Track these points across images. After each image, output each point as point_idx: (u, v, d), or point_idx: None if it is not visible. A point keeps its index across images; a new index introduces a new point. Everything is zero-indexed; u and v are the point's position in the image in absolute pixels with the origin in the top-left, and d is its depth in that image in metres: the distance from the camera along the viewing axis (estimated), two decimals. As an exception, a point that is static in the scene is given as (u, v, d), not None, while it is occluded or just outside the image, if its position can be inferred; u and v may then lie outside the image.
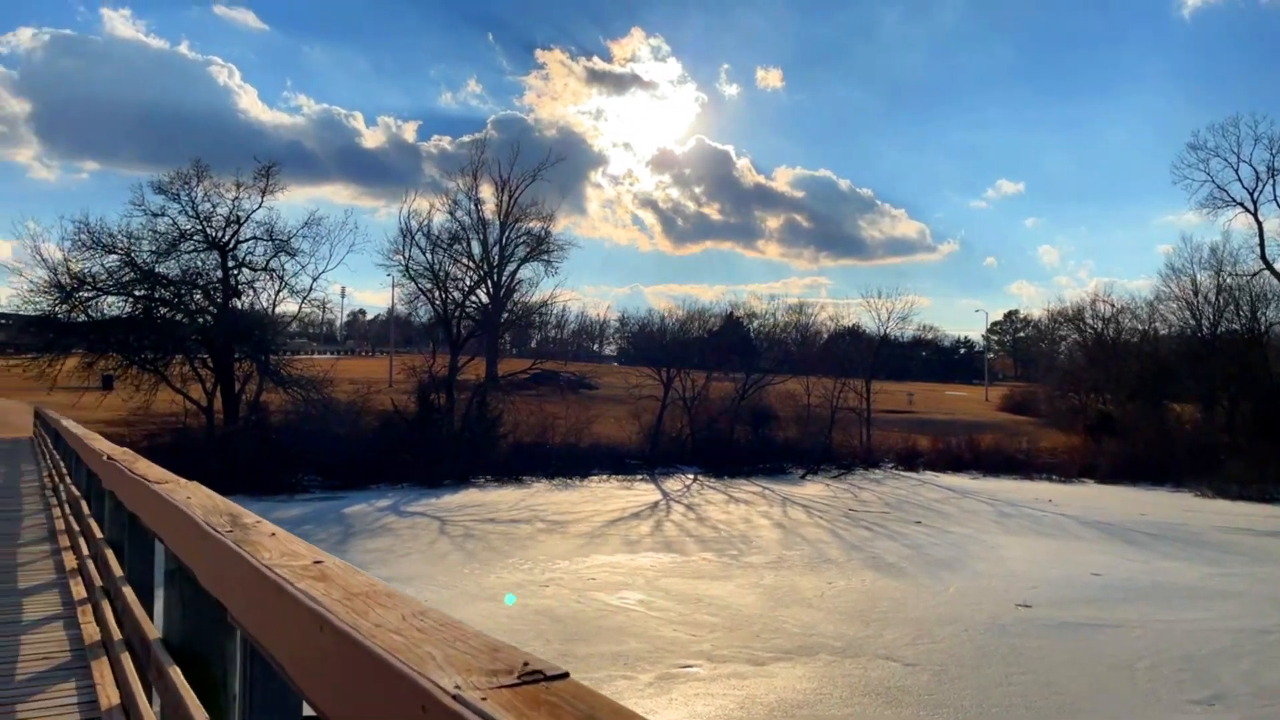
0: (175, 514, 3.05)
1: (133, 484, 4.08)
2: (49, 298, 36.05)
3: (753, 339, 60.70)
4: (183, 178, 37.89)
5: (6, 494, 14.90)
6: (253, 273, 40.09)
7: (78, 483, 9.36)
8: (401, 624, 1.49)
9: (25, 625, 6.37)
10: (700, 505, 31.42)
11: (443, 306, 44.28)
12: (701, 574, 19.54)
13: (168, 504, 3.17)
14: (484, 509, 29.41)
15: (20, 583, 7.82)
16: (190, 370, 37.39)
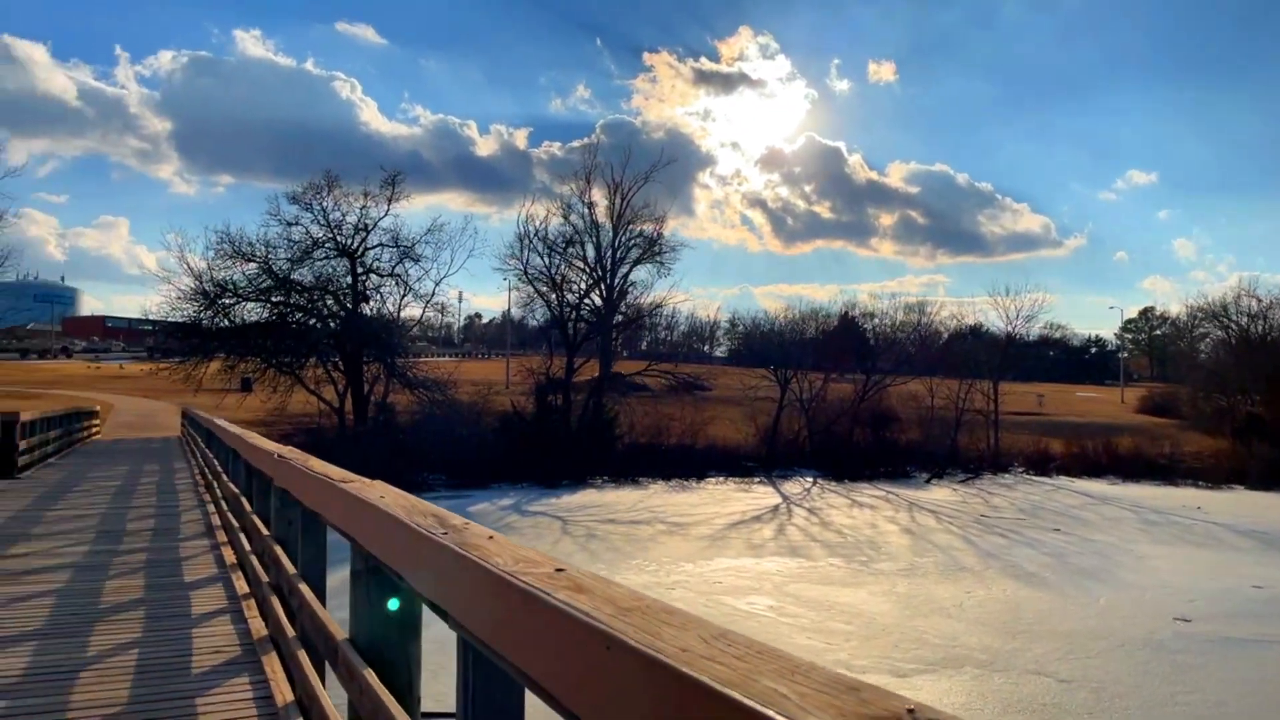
0: (373, 514, 2.95)
1: (314, 482, 4.05)
2: (194, 305, 38.13)
3: (869, 339, 59.27)
4: (315, 188, 39.51)
5: (164, 490, 15.67)
6: (379, 278, 41.44)
7: (235, 480, 9.67)
8: (707, 648, 1.28)
9: (195, 619, 6.55)
10: (822, 509, 30.71)
11: (559, 309, 44.78)
12: (831, 580, 19.02)
13: (362, 503, 3.08)
14: (603, 509, 29.50)
15: (185, 576, 8.10)
16: (324, 373, 38.90)
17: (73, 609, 6.71)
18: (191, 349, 40.28)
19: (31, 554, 9.08)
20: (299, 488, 4.61)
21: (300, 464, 4.62)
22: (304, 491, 4.45)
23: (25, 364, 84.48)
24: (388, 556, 2.81)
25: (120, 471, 19.29)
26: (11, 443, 17.11)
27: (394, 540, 2.70)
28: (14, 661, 5.36)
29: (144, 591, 7.40)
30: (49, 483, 16.56)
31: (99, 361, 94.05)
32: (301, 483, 4.50)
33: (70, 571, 8.18)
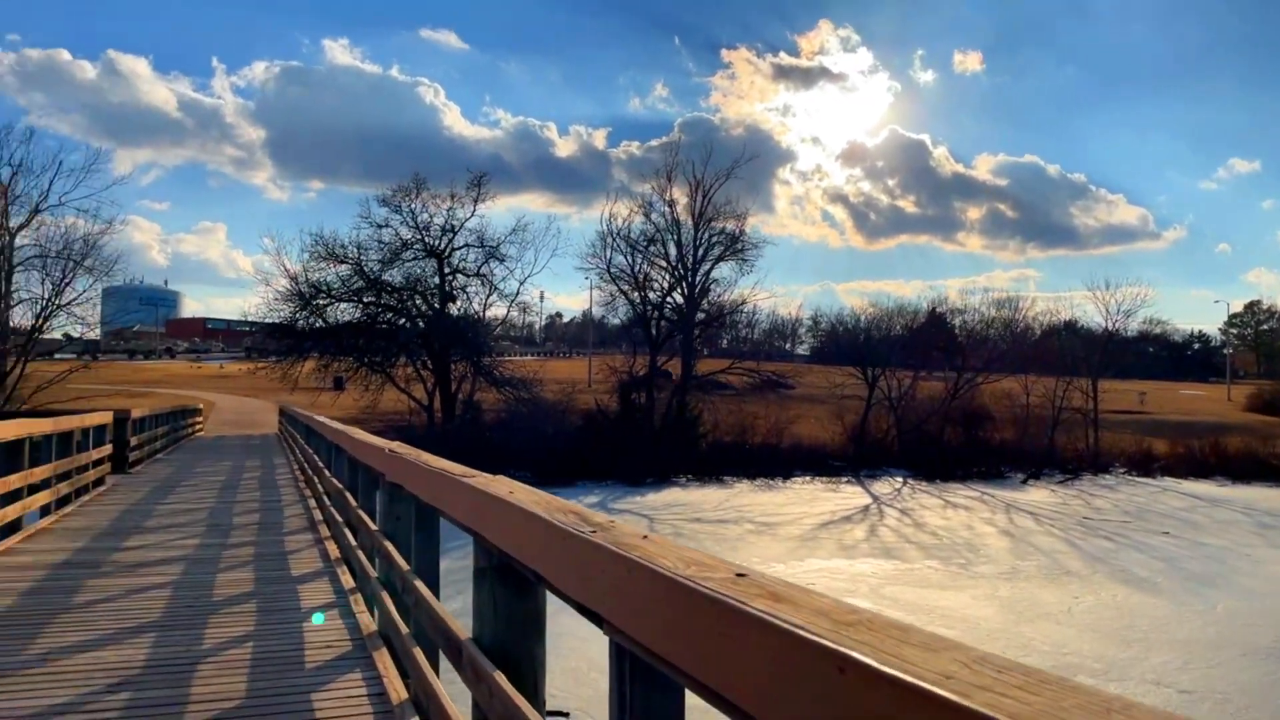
0: (504, 510, 2.82)
1: (432, 477, 3.95)
2: (290, 306, 39.31)
3: (958, 336, 57.68)
4: (403, 191, 40.33)
5: (266, 485, 16.07)
6: (465, 278, 42.06)
7: (338, 475, 9.79)
8: (975, 675, 1.07)
9: (305, 613, 6.59)
10: (915, 510, 29.91)
11: (641, 307, 44.73)
12: (929, 583, 18.44)
13: (491, 499, 2.95)
14: (689, 508, 29.31)
15: (292, 570, 8.20)
16: (413, 371, 39.66)
17: (187, 601, 6.84)
18: (287, 349, 41.55)
19: (146, 547, 9.34)
20: (414, 483, 4.54)
21: (414, 459, 4.55)
22: (419, 487, 4.37)
23: (133, 364, 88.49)
24: (523, 554, 2.67)
25: (224, 467, 19.91)
26: (124, 439, 17.79)
27: (531, 538, 2.56)
28: (135, 652, 5.44)
29: (254, 585, 7.50)
30: (159, 477, 17.17)
31: (200, 361, 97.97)
32: (417, 477, 4.42)
33: (183, 564, 8.36)
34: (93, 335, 58.14)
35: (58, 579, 7.57)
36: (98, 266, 37.57)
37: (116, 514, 11.86)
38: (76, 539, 9.71)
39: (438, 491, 3.92)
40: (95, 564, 8.27)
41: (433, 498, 4.07)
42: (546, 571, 2.41)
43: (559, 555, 2.30)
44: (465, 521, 3.41)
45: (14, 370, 34.81)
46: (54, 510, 11.48)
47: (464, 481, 3.37)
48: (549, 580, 2.41)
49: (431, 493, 4.08)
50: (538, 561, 2.50)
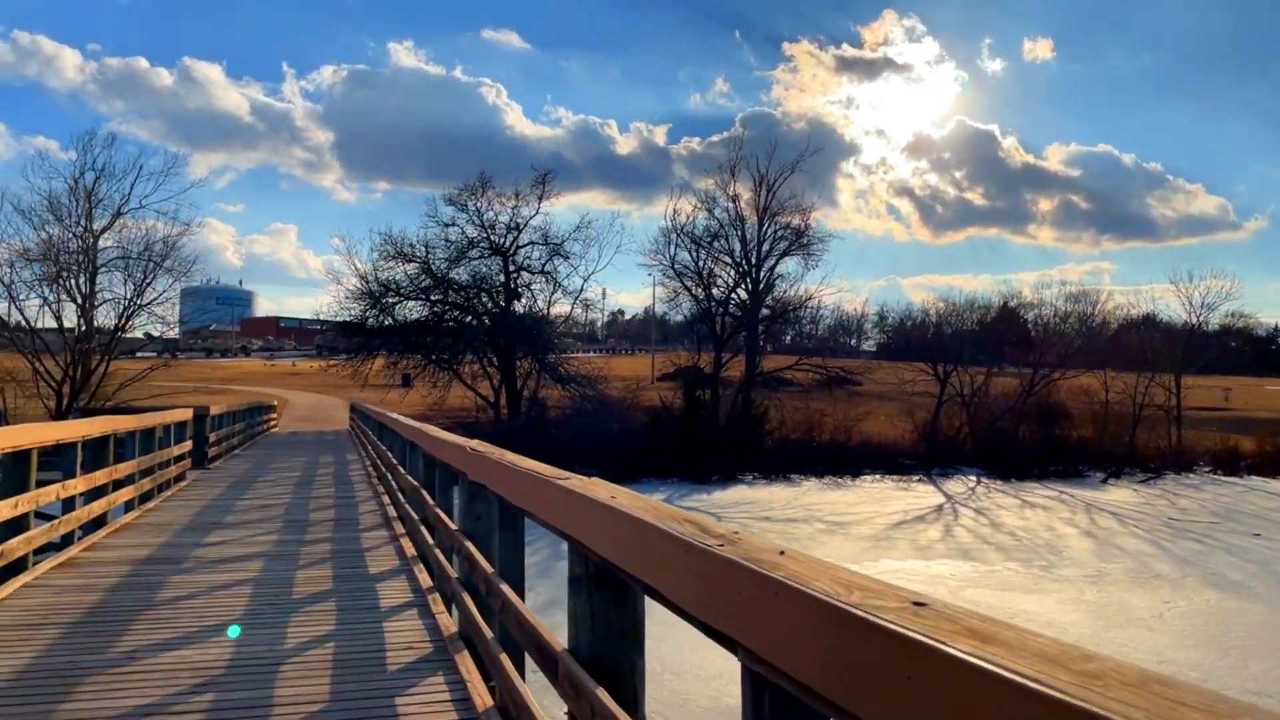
0: (607, 516, 2.63)
1: (522, 478, 3.79)
2: (361, 304, 39.92)
3: (1031, 331, 56.07)
4: (469, 189, 40.61)
5: (340, 481, 16.24)
6: (530, 276, 42.21)
7: (413, 472, 9.76)
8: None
9: (384, 612, 6.52)
10: (991, 510, 29.08)
11: (706, 303, 44.38)
12: (1010, 586, 17.84)
13: (591, 503, 2.76)
14: (756, 507, 28.95)
15: (370, 568, 8.17)
16: (480, 369, 39.97)
17: (268, 599, 6.82)
18: (357, 347, 42.22)
19: (226, 543, 9.43)
20: (500, 483, 4.38)
21: (500, 459, 4.40)
22: (506, 487, 4.21)
23: (210, 362, 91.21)
24: (631, 565, 2.48)
25: (299, 463, 20.22)
26: (203, 435, 18.16)
27: (641, 548, 2.36)
28: (219, 651, 5.41)
29: (332, 583, 7.48)
30: (236, 473, 17.49)
31: (273, 359, 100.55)
32: (503, 478, 4.27)
33: (262, 561, 8.40)
34: (172, 334, 60.03)
35: (142, 575, 7.65)
36: (176, 267, 38.64)
37: (197, 509, 12.05)
38: (159, 534, 9.86)
39: (527, 493, 3.75)
40: (178, 560, 8.35)
41: (521, 499, 3.90)
42: (662, 585, 2.21)
43: (678, 569, 2.09)
44: (559, 525, 3.23)
45: (99, 368, 35.98)
46: (138, 505, 11.70)
47: (558, 484, 3.19)
48: (665, 595, 2.20)
49: (520, 494, 3.91)
50: (650, 573, 2.30)
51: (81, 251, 36.86)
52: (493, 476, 4.52)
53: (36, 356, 34.86)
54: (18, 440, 7.33)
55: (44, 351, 35.25)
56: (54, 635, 5.67)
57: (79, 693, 4.61)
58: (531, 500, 3.67)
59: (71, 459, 9.24)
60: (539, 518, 3.53)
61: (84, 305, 36.72)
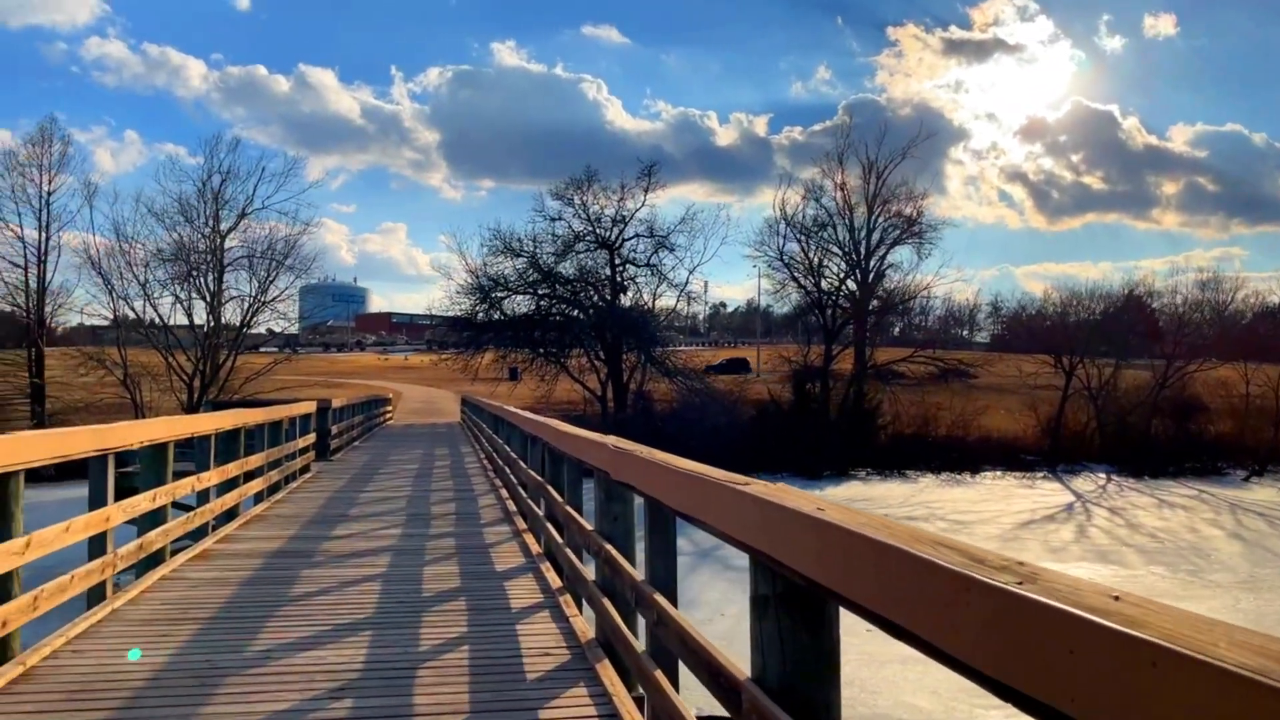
0: (819, 532, 2.22)
1: (686, 482, 3.40)
2: (471, 299, 40.57)
3: (1159, 321, 52.88)
4: (575, 184, 40.74)
5: (457, 474, 16.30)
6: (636, 269, 42.09)
7: (535, 467, 9.57)
8: None
9: (515, 614, 6.27)
10: (1125, 509, 27.41)
11: (816, 294, 43.40)
12: (1157, 592, 16.60)
13: (795, 517, 2.36)
14: (872, 504, 28.02)
15: (496, 564, 7.98)
16: (587, 362, 40.09)
17: (398, 596, 6.66)
18: (466, 341, 42.95)
19: (353, 536, 9.41)
20: (651, 484, 4.02)
21: (651, 457, 4.04)
22: (661, 489, 3.85)
23: (327, 357, 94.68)
24: (855, 593, 2.06)
25: (415, 455, 20.49)
26: (325, 428, 18.55)
27: (878, 575, 1.94)
28: (354, 653, 5.24)
29: (460, 580, 7.29)
30: (357, 465, 17.79)
31: (387, 354, 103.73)
32: (657, 479, 3.90)
33: (390, 555, 8.31)
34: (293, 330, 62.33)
35: (274, 568, 7.63)
36: (297, 265, 40.03)
37: (322, 501, 12.18)
38: (288, 526, 9.93)
39: (693, 498, 3.37)
40: (308, 553, 8.34)
41: (683, 504, 3.52)
42: (918, 626, 1.78)
43: (944, 608, 1.66)
44: (739, 537, 2.84)
45: (226, 362, 37.54)
46: (266, 497, 11.89)
47: (739, 490, 2.80)
48: (926, 639, 1.77)
49: (681, 498, 3.53)
50: (896, 610, 1.87)
51: (210, 251, 38.53)
52: (643, 477, 4.16)
53: (169, 352, 36.59)
54: (154, 434, 7.40)
55: (176, 347, 36.97)
56: (191, 632, 5.62)
57: (217, 696, 4.48)
58: (699, 506, 3.28)
59: (205, 452, 9.38)
60: (710, 526, 3.15)
61: (212, 302, 38.40)
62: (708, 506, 3.18)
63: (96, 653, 5.13)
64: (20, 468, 4.95)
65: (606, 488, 5.38)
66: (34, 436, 5.19)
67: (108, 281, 36.72)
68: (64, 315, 38.95)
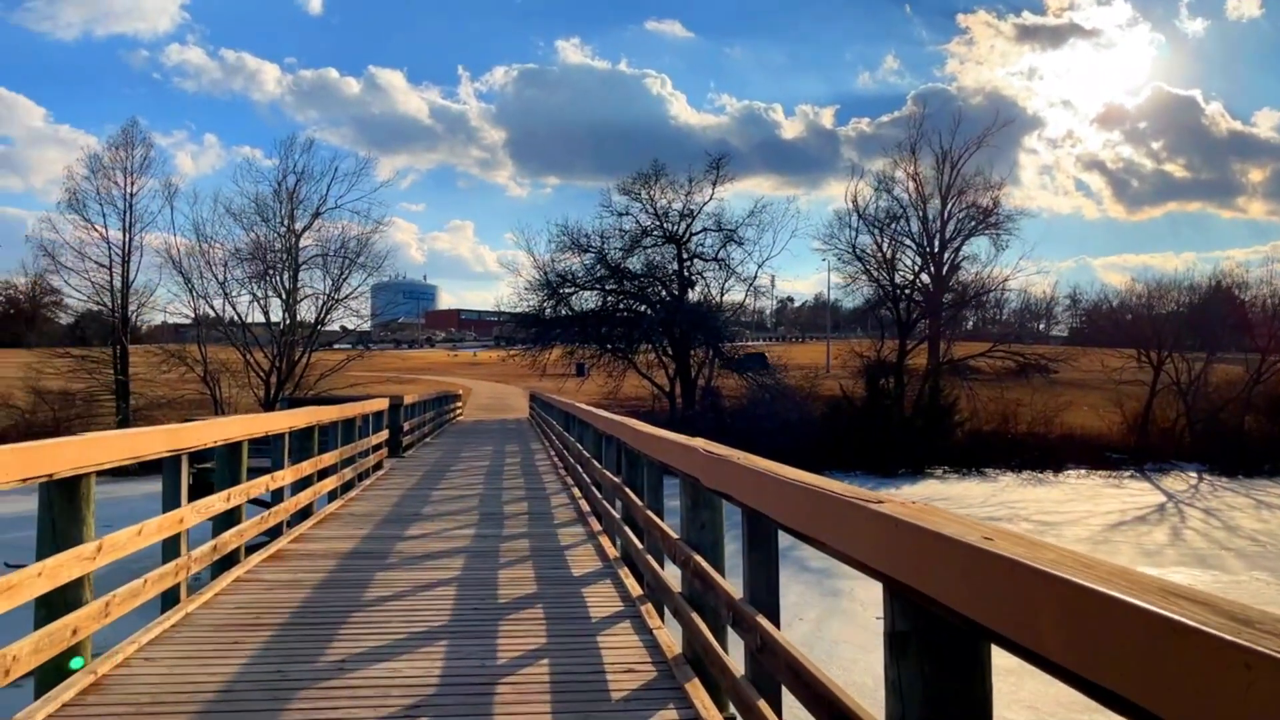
0: (979, 562, 1.83)
1: (802, 495, 3.03)
2: (538, 295, 40.59)
3: (1249, 313, 50.38)
4: (642, 178, 40.42)
5: (528, 472, 16.13)
6: (703, 263, 41.62)
7: (610, 467, 9.28)
8: None
9: (595, 624, 5.96)
10: (1221, 510, 26.03)
11: (891, 288, 42.36)
12: (1264, 599, 15.60)
13: (956, 547, 1.97)
14: (952, 503, 27.13)
15: (571, 569, 7.69)
16: (655, 357, 39.80)
17: (474, 603, 6.41)
18: (534, 337, 43.02)
19: (427, 536, 9.24)
20: (752, 494, 3.65)
21: (752, 465, 3.68)
22: (765, 501, 3.48)
23: (398, 353, 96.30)
24: (1046, 645, 1.67)
25: (486, 451, 20.43)
26: (398, 424, 18.58)
27: (1079, 624, 1.55)
28: (430, 665, 4.98)
29: (536, 585, 7.02)
30: (429, 461, 17.76)
31: (456, 350, 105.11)
32: (760, 490, 3.53)
33: (464, 557, 8.09)
34: (365, 327, 63.40)
35: (348, 570, 7.47)
36: (369, 263, 40.55)
37: (395, 499, 12.09)
38: (362, 525, 9.82)
39: (807, 514, 2.99)
40: (382, 554, 8.18)
41: (795, 520, 3.15)
42: (1147, 699, 1.39)
43: (1203, 684, 1.27)
44: (873, 563, 2.46)
45: (301, 359, 38.22)
46: (340, 495, 11.84)
47: (875, 510, 2.41)
48: (1152, 712, 1.38)
49: (791, 513, 3.16)
50: (1091, 666, 1.48)
51: (285, 250, 39.25)
52: (743, 486, 3.79)
53: (247, 349, 37.40)
54: (228, 433, 7.29)
55: (253, 344, 37.76)
56: (263, 638, 5.44)
57: (289, 712, 4.26)
58: (815, 524, 2.91)
59: (279, 450, 9.30)
60: (828, 547, 2.77)
61: (288, 300, 39.12)
62: (825, 525, 2.80)
63: (168, 660, 4.97)
64: (92, 469, 4.80)
65: (694, 493, 5.04)
66: (106, 438, 5.05)
67: (188, 280, 37.71)
68: (148, 314, 40.10)
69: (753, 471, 3.58)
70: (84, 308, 38.31)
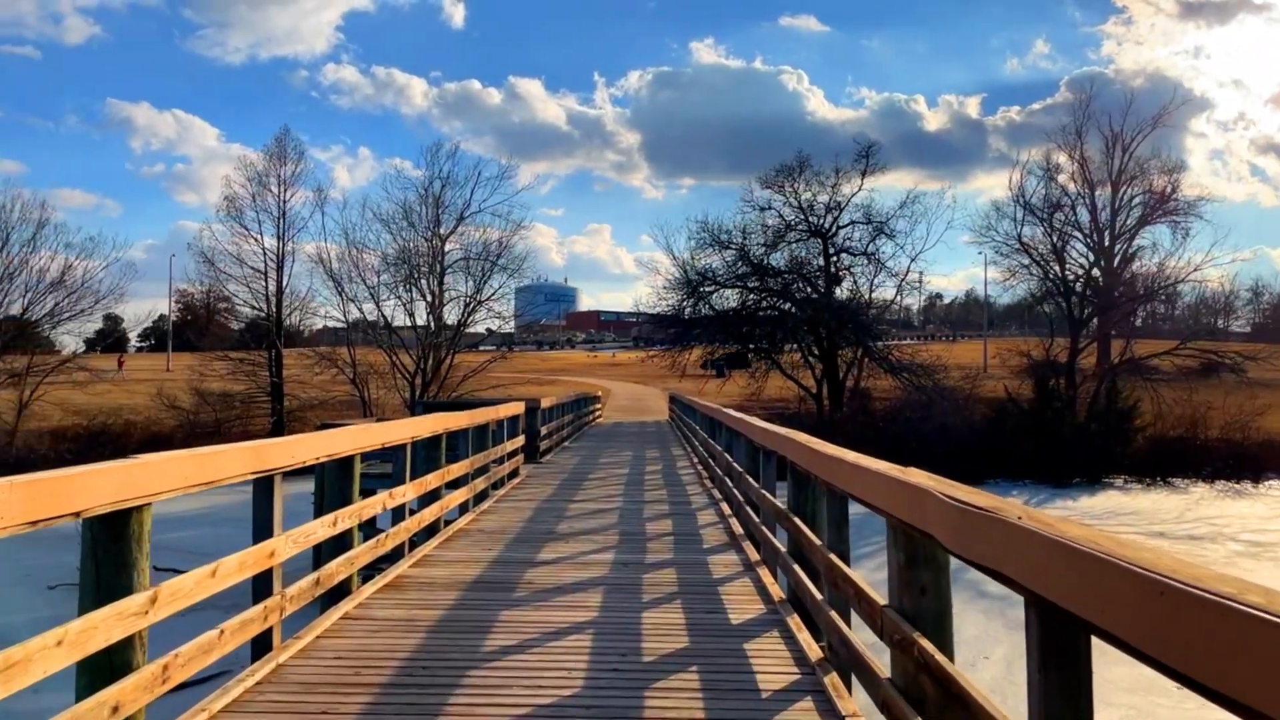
0: None
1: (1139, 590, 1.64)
2: (678, 294, 39.50)
3: None
4: (786, 171, 38.72)
5: (670, 483, 14.97)
6: (851, 258, 39.54)
7: (769, 486, 7.97)
8: None
9: (767, 701, 4.66)
10: None
11: (1061, 282, 39.04)
12: None
13: None
14: (1140, 517, 24.34)
15: (730, 615, 6.40)
16: (801, 358, 38.06)
17: (613, 661, 5.20)
18: (674, 338, 41.96)
19: (560, 561, 8.17)
20: (1051, 579, 2.27)
21: (1049, 530, 2.30)
22: (1087, 599, 2.09)
23: (539, 354, 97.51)
24: None
25: (625, 458, 19.43)
26: (535, 429, 17.80)
27: None
28: (556, 762, 3.82)
29: (688, 635, 5.77)
30: (566, 468, 16.87)
31: (595, 351, 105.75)
32: (1079, 576, 2.15)
33: (601, 591, 6.95)
34: (507, 329, 64.16)
35: (469, 607, 6.44)
36: (510, 265, 40.55)
37: (529, 512, 11.15)
38: (491, 545, 8.86)
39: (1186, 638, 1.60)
40: (509, 585, 7.14)
41: (1157, 640, 1.77)
42: None
43: None
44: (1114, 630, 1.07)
45: (446, 361, 38.52)
46: (471, 508, 10.99)
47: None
48: None
49: (1140, 623, 1.78)
50: None
51: (431, 254, 39.73)
52: (1029, 561, 2.40)
53: (393, 351, 37.97)
54: (336, 447, 6.38)
55: (399, 346, 38.32)
56: (360, 705, 4.41)
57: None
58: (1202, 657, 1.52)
59: (401, 463, 8.44)
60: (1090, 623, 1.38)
61: (433, 303, 39.57)
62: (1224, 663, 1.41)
63: (240, 738, 4.01)
64: (148, 500, 3.88)
65: (910, 546, 3.67)
66: (169, 460, 4.14)
67: (339, 285, 38.62)
68: (308, 319, 41.38)
69: (1056, 543, 2.20)
70: (253, 314, 39.85)
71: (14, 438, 32.05)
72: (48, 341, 41.38)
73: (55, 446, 30.72)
